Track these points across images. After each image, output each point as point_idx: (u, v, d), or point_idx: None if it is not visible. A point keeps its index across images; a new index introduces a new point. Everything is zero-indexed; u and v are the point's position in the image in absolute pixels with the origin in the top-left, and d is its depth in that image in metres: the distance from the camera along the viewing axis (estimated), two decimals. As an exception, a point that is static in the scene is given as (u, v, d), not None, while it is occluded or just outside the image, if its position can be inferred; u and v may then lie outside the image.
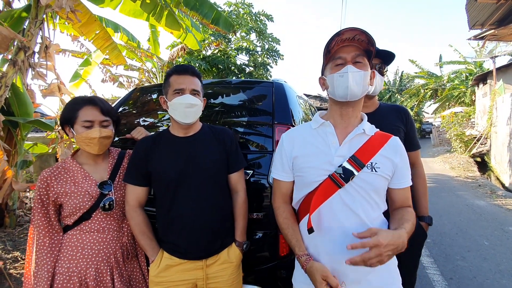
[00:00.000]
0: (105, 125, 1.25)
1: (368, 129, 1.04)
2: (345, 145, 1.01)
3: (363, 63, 1.00)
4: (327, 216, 0.99)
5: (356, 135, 1.01)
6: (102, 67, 7.57)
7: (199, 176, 1.24)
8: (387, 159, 1.00)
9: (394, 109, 1.57)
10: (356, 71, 0.97)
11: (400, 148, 1.04)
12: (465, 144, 11.91)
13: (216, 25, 4.66)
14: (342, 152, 1.00)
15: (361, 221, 0.97)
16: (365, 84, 0.99)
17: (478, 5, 8.37)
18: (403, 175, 1.04)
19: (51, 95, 3.91)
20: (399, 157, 1.02)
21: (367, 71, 1.00)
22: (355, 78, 0.97)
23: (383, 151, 1.00)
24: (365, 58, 1.01)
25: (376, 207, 1.00)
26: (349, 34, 0.97)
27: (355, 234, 0.88)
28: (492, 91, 10.66)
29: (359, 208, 0.97)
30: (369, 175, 0.97)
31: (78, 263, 1.18)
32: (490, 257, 3.19)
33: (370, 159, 0.98)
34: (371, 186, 0.98)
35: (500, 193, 6.19)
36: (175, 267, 1.23)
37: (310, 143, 1.05)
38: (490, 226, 4.16)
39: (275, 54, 10.93)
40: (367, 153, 0.99)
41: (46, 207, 1.17)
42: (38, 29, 3.31)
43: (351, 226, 0.95)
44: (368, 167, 0.97)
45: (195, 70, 1.29)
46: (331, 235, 0.98)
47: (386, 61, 1.52)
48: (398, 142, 1.05)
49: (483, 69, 16.29)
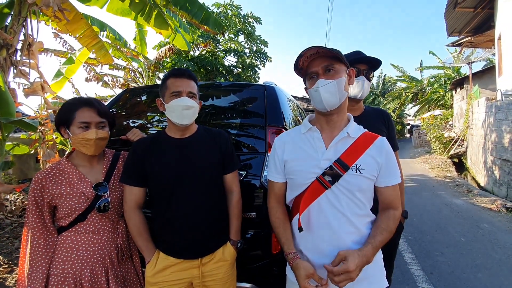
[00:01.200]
0: (102, 127, 1.26)
1: (353, 131, 1.07)
2: (331, 149, 1.06)
3: (335, 70, 1.03)
4: (316, 215, 1.06)
5: (341, 138, 1.06)
6: (86, 65, 7.36)
7: (196, 177, 1.27)
8: (372, 159, 1.04)
9: (377, 113, 1.67)
10: (327, 83, 1.01)
11: (385, 148, 1.06)
12: (443, 146, 12.44)
13: (206, 25, 4.66)
14: (329, 155, 1.05)
15: (348, 219, 1.03)
16: (341, 91, 1.03)
17: (456, 14, 8.80)
18: (389, 173, 1.06)
19: (34, 95, 3.78)
20: (384, 156, 1.05)
21: (340, 78, 1.02)
22: (328, 90, 1.01)
23: (369, 151, 1.04)
24: (337, 63, 1.04)
25: (362, 206, 1.05)
26: (312, 51, 1.02)
27: (327, 267, 0.96)
28: (469, 95, 11.19)
29: (345, 208, 1.03)
30: (354, 176, 1.02)
31: (73, 264, 1.18)
32: (466, 252, 3.37)
33: (355, 161, 1.02)
34: (356, 186, 1.03)
35: (476, 192, 6.53)
36: (171, 267, 1.25)
37: (299, 147, 1.11)
38: (467, 224, 4.39)
39: (263, 56, 11.03)
40: (352, 155, 1.03)
41: (41, 209, 1.17)
42: (21, 26, 3.21)
43: (338, 225, 1.03)
44: (353, 169, 1.02)
45: (192, 73, 1.33)
46: (320, 233, 1.05)
47: (373, 67, 1.60)
48: (384, 142, 1.08)
49: (461, 74, 17.11)
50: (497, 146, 6.85)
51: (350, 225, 1.03)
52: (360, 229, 1.05)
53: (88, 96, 1.51)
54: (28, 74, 3.44)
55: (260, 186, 1.56)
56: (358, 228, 1.05)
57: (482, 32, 9.70)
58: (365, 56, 1.57)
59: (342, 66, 1.05)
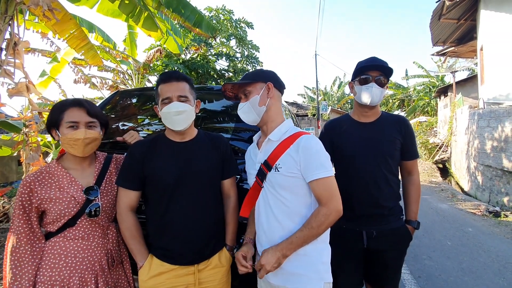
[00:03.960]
0: (92, 127, 1.22)
1: (275, 136, 1.21)
2: (261, 152, 1.24)
3: (249, 91, 1.23)
4: (257, 211, 1.25)
5: (266, 143, 1.23)
6: (74, 67, 7.20)
7: (195, 181, 1.25)
8: (290, 157, 1.13)
9: (394, 120, 1.60)
10: (242, 106, 1.25)
11: (302, 145, 1.13)
12: (429, 151, 12.76)
13: (199, 28, 4.64)
14: (260, 158, 1.23)
15: (274, 216, 1.16)
16: (255, 108, 1.20)
17: (441, 24, 9.14)
18: (309, 168, 1.11)
19: (18, 95, 3.64)
20: (301, 153, 1.12)
21: (253, 97, 1.21)
22: (244, 111, 1.24)
23: (288, 151, 1.15)
24: (249, 85, 1.24)
25: (288, 203, 1.15)
26: (229, 85, 1.32)
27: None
28: (452, 103, 11.57)
29: (272, 205, 1.17)
30: (274, 175, 1.16)
31: (60, 272, 1.13)
32: (453, 256, 3.46)
33: (276, 161, 1.15)
34: (278, 184, 1.15)
35: (460, 197, 6.73)
36: (166, 274, 1.22)
37: (250, 156, 1.33)
38: (452, 228, 4.50)
39: (255, 61, 11.07)
40: (275, 156, 1.16)
41: (28, 214, 1.12)
42: (7, 25, 3.11)
43: (266, 221, 1.19)
44: (274, 169, 1.15)
45: (180, 74, 1.29)
46: (259, 227, 1.24)
47: (385, 73, 1.51)
48: (302, 140, 1.14)
49: (444, 83, 17.70)
50: (480, 152, 7.10)
51: (275, 221, 1.16)
52: (285, 225, 1.14)
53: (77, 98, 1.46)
54: (13, 74, 3.32)
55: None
56: (283, 224, 1.14)
57: (465, 42, 10.09)
58: (374, 63, 1.52)
59: (257, 85, 1.23)
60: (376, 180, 1.49)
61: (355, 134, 1.56)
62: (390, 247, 1.50)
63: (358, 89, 1.52)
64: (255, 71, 1.31)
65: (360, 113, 1.59)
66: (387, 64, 1.50)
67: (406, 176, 1.65)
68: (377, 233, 1.48)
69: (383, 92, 1.51)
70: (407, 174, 1.65)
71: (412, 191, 1.62)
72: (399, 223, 1.55)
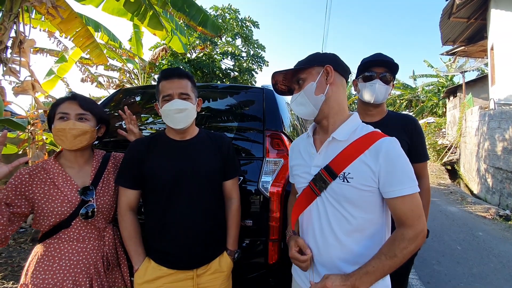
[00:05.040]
0: (83, 119, 1.17)
1: (342, 135, 0.96)
2: (321, 154, 1.00)
3: (303, 79, 1.02)
4: (306, 222, 1.04)
5: (329, 143, 0.98)
6: (81, 66, 7.25)
7: (195, 181, 1.20)
8: (365, 166, 0.90)
9: (400, 119, 1.50)
10: (295, 98, 1.04)
11: (383, 152, 0.89)
12: (437, 153, 12.54)
13: (204, 28, 4.61)
14: (318, 161, 1.00)
15: (332, 232, 0.94)
16: (311, 97, 0.99)
17: (451, 24, 8.96)
18: (392, 182, 0.88)
19: (23, 93, 3.66)
20: (382, 162, 0.88)
21: (308, 85, 0.99)
22: (299, 102, 1.02)
23: (363, 156, 0.91)
24: (303, 72, 1.02)
25: (353, 220, 0.92)
26: (280, 76, 1.10)
27: (311, 283, 0.92)
28: (462, 104, 11.35)
29: (331, 219, 0.95)
30: (341, 185, 0.92)
31: (54, 274, 1.09)
32: (463, 261, 3.35)
33: (344, 168, 0.92)
34: (344, 197, 0.92)
35: (470, 199, 6.56)
36: (163, 278, 1.17)
37: (299, 153, 1.11)
38: (462, 232, 4.38)
39: (260, 60, 11.02)
40: (343, 161, 0.93)
41: (5, 201, 1.06)
42: (12, 23, 3.12)
43: (320, 235, 0.97)
44: (340, 177, 0.92)
45: (182, 71, 1.25)
46: (307, 239, 1.02)
47: (391, 69, 1.43)
48: (383, 145, 0.91)
49: (454, 83, 17.38)
50: (490, 154, 6.92)
51: (333, 239, 0.94)
52: (345, 245, 0.93)
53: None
54: (19, 72, 3.33)
55: (257, 192, 1.50)
56: (342, 243, 0.93)
57: (475, 42, 9.88)
58: (379, 58, 1.44)
59: (313, 70, 1.01)
60: None
61: None
62: None
63: (362, 86, 1.46)
64: (310, 55, 1.04)
65: (364, 112, 1.52)
66: (393, 60, 1.42)
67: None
68: None
69: (388, 90, 1.43)
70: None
71: (421, 197, 1.53)
72: None
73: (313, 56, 1.04)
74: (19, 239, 3.48)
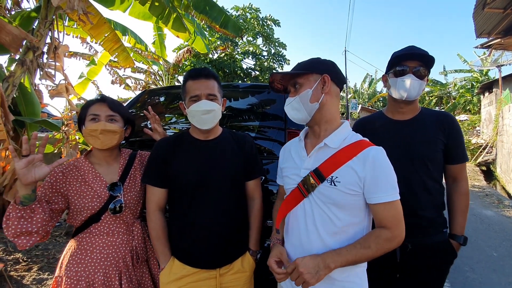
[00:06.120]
0: (112, 120, 1.24)
1: (333, 142, 1.01)
2: (311, 157, 1.04)
3: (299, 84, 1.05)
4: (291, 222, 1.07)
5: (320, 148, 1.02)
6: (110, 68, 7.61)
7: (219, 181, 1.22)
8: (352, 171, 0.95)
9: (435, 117, 1.39)
10: (291, 101, 1.06)
11: (370, 160, 0.93)
12: (471, 153, 11.81)
13: (225, 29, 4.67)
14: (308, 164, 1.04)
15: (317, 233, 0.98)
16: (306, 104, 1.02)
17: (485, 14, 8.36)
18: (376, 189, 0.93)
19: (58, 96, 3.92)
20: (369, 169, 0.93)
21: (304, 91, 1.02)
22: (293, 107, 1.06)
23: (351, 162, 0.95)
24: (301, 77, 1.05)
25: (338, 222, 0.97)
26: (278, 76, 1.12)
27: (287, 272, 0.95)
28: (498, 100, 10.59)
29: (317, 220, 0.99)
30: (328, 188, 0.97)
31: (86, 267, 1.15)
32: (499, 268, 3.12)
33: (332, 172, 0.97)
34: (330, 200, 0.97)
35: (507, 203, 6.09)
36: (187, 277, 1.19)
37: (290, 155, 1.15)
38: (499, 237, 4.08)
39: (281, 59, 10.96)
40: (331, 166, 0.98)
41: (44, 197, 1.15)
42: (48, 30, 3.33)
43: (306, 236, 1.00)
44: (328, 181, 0.97)
45: (209, 71, 1.25)
46: (291, 239, 1.07)
47: (426, 63, 1.32)
48: (371, 153, 0.95)
49: (489, 78, 16.22)
50: (532, 154, 6.38)
51: (318, 240, 0.99)
52: (328, 245, 0.97)
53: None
54: (54, 76, 3.56)
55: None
56: (325, 243, 0.97)
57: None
58: (412, 51, 1.32)
59: (311, 76, 1.04)
60: (411, 187, 1.30)
61: (388, 134, 1.37)
62: (429, 265, 1.32)
63: (393, 81, 1.35)
64: (310, 59, 1.07)
65: (395, 109, 1.41)
66: (427, 53, 1.30)
67: (451, 183, 1.43)
68: (413, 246, 1.29)
69: (422, 85, 1.32)
70: (452, 181, 1.42)
71: (458, 201, 1.40)
72: (441, 237, 1.36)
73: (313, 61, 1.07)
74: (54, 232, 3.71)
